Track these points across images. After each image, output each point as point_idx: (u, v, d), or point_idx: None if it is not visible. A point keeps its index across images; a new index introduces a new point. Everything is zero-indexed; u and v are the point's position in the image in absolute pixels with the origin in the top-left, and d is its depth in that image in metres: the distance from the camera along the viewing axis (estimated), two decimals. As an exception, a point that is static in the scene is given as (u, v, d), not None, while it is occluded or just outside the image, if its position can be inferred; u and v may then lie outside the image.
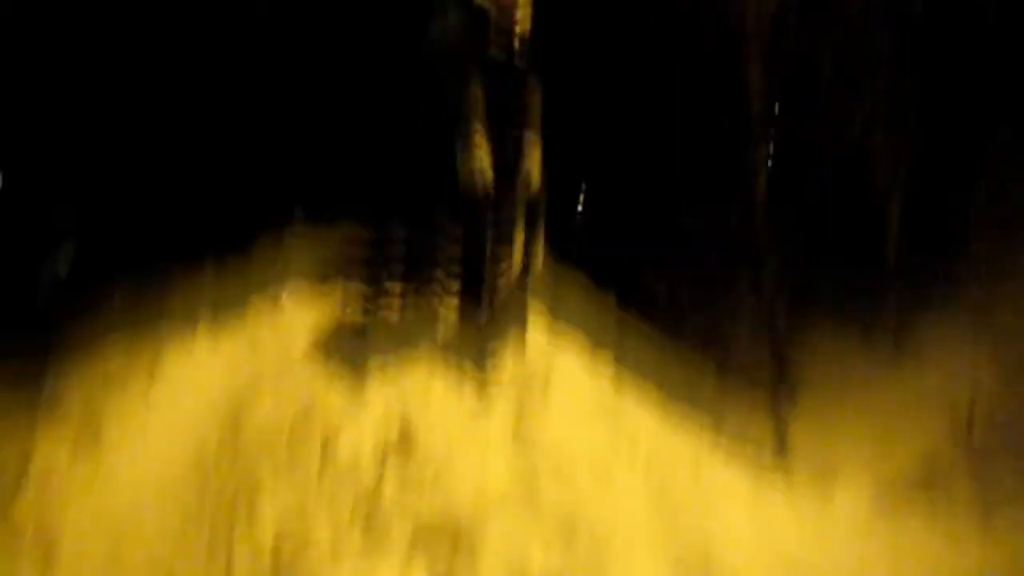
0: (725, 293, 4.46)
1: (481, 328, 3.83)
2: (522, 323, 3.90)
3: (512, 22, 3.86)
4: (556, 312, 3.98)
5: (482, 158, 3.83)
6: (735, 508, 3.63)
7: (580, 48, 4.15)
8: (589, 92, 4.16)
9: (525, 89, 3.89)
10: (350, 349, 3.85)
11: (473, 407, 3.71)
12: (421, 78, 3.87)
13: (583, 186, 4.27)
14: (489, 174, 3.83)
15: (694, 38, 4.28)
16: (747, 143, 4.42)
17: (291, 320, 3.97)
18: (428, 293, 3.88)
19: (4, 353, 3.97)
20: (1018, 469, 4.18)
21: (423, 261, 3.89)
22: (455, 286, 3.86)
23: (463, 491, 3.49)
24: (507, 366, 3.80)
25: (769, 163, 4.48)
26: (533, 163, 3.89)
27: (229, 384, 3.83)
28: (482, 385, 3.75)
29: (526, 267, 3.93)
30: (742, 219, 4.39)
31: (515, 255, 3.89)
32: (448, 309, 3.85)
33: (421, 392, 3.73)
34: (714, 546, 3.47)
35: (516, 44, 3.85)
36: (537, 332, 3.91)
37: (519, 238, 3.88)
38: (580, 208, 4.25)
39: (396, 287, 3.99)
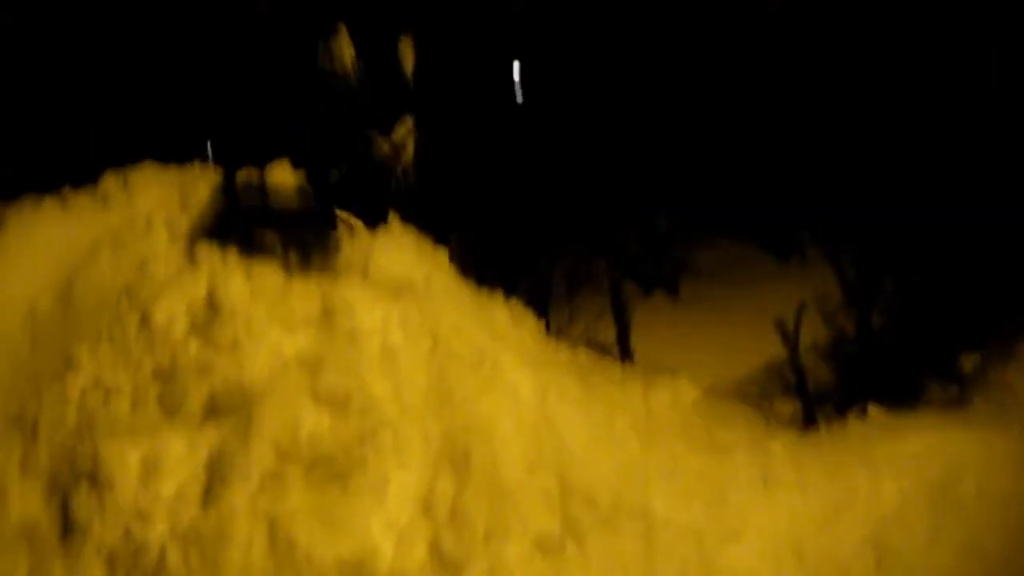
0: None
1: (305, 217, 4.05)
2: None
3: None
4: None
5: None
6: (513, 398, 3.71)
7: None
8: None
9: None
10: (185, 225, 4.10)
11: (285, 286, 3.90)
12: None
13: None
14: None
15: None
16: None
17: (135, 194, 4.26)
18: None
19: None
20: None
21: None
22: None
23: (256, 361, 3.69)
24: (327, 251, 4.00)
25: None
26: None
27: (68, 249, 4.12)
28: (297, 267, 3.95)
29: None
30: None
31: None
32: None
33: (238, 269, 3.93)
34: (483, 429, 3.57)
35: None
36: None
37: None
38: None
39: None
